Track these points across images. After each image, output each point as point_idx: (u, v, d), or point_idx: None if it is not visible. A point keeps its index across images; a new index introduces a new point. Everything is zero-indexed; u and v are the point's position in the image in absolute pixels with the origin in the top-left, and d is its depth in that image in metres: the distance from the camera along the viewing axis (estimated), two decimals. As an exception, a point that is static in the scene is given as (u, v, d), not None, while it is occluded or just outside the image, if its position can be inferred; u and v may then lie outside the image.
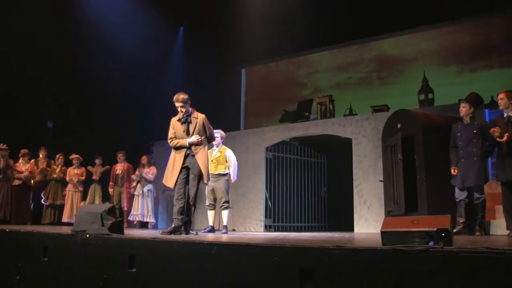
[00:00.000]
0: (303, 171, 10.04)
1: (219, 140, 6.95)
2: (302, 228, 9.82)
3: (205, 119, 5.70)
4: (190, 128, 5.62)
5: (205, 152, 5.67)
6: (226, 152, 6.95)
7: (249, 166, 9.60)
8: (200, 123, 5.64)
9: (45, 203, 9.65)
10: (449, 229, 2.80)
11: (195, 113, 5.68)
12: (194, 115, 5.67)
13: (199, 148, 5.61)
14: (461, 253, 2.46)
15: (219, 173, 6.83)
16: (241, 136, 10.17)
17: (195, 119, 5.64)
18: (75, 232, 4.64)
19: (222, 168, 6.85)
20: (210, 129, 5.78)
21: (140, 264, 3.90)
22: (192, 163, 5.61)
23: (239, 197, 9.69)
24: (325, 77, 12.23)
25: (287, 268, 3.02)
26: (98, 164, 10.13)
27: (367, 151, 8.33)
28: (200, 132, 5.64)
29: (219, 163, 6.86)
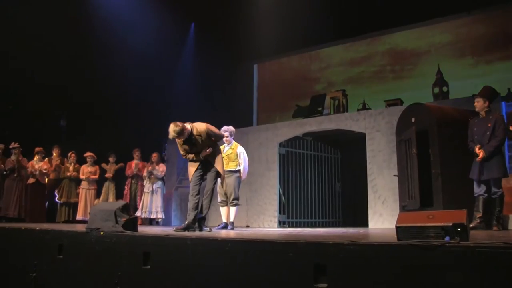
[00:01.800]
0: (317, 167, 10.00)
1: (230, 137, 6.95)
2: (316, 223, 9.79)
3: (207, 129, 5.57)
4: (197, 145, 5.59)
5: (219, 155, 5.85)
6: (238, 149, 6.94)
7: (262, 162, 9.59)
8: (204, 136, 5.55)
9: (59, 201, 9.74)
10: (466, 224, 2.76)
11: (195, 129, 5.53)
12: (195, 132, 5.52)
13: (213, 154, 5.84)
14: (478, 248, 2.43)
15: (230, 170, 6.82)
16: (254, 132, 10.15)
17: (198, 137, 5.54)
18: (90, 229, 4.67)
19: (233, 165, 6.85)
20: (214, 134, 5.70)
21: (154, 261, 3.92)
22: (208, 165, 5.89)
23: (252, 194, 9.68)
24: (338, 72, 12.16)
25: (302, 264, 3.02)
26: (111, 162, 10.19)
27: (381, 146, 8.27)
28: (208, 143, 5.62)
29: (230, 160, 6.83)
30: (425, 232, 2.80)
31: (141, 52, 11.59)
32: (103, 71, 11.08)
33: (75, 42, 10.75)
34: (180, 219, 10.81)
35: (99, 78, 11.06)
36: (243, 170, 6.94)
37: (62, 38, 10.48)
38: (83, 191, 9.83)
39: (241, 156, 6.91)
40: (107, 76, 11.14)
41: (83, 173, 9.87)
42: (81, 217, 9.57)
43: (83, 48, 10.90)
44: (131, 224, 4.69)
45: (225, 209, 6.97)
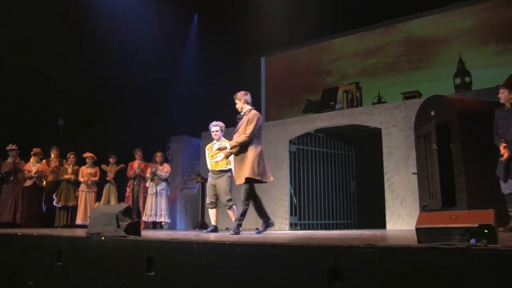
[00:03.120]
0: (330, 165, 9.98)
1: (219, 133, 6.91)
2: (330, 225, 9.77)
3: (251, 116, 5.90)
4: (238, 124, 6.08)
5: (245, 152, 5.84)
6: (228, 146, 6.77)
7: (271, 160, 9.57)
8: (245, 121, 5.94)
9: (58, 205, 9.75)
10: (493, 225, 2.71)
11: (249, 111, 6.01)
12: (247, 113, 6.00)
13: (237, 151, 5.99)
14: (508, 251, 2.38)
15: (221, 169, 6.72)
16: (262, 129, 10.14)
17: (246, 116, 5.99)
18: (90, 234, 4.67)
19: (223, 164, 6.70)
20: (249, 127, 5.85)
21: (158, 267, 3.91)
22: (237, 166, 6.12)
23: (261, 194, 9.57)
24: (351, 63, 12.13)
25: (315, 268, 2.99)
26: (112, 163, 10.21)
27: (398, 142, 8.23)
28: (243, 128, 5.96)
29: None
30: (448, 234, 2.74)
31: (141, 47, 11.61)
32: (102, 66, 11.10)
33: (72, 36, 10.77)
34: (186, 222, 10.83)
35: (98, 74, 11.09)
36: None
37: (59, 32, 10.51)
38: (83, 194, 9.86)
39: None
40: (106, 72, 11.17)
41: (82, 175, 9.91)
42: (80, 221, 9.60)
43: (80, 42, 10.92)
44: (134, 228, 4.69)
45: (213, 212, 6.91)
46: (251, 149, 5.85)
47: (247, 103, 6.14)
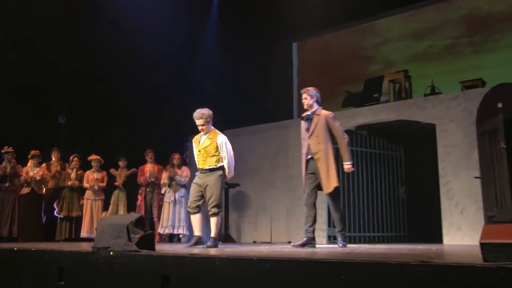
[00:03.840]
0: (374, 167, 9.91)
1: (207, 124, 6.66)
2: (376, 238, 9.72)
3: (331, 117, 6.54)
4: (312, 126, 6.52)
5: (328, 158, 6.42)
6: (218, 139, 6.64)
7: None
8: (323, 122, 6.48)
9: (59, 215, 9.88)
10: None
11: (319, 111, 6.57)
12: (318, 112, 6.54)
13: (321, 151, 6.41)
14: None
15: (210, 167, 6.57)
16: (294, 126, 10.09)
17: (317, 117, 6.51)
18: (96, 249, 4.71)
19: (213, 160, 6.56)
20: (339, 128, 6.57)
21: (175, 286, 3.92)
22: (315, 168, 6.47)
23: (294, 202, 9.68)
24: (398, 48, 12.02)
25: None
26: (122, 167, 10.31)
27: (456, 140, 8.13)
28: (322, 131, 6.45)
29: (208, 155, 6.58)
30: (521, 250, 2.70)
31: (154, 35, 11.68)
32: (110, 58, 11.21)
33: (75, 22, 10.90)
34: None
35: (104, 65, 11.20)
36: (228, 167, 6.63)
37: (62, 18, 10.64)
38: (88, 203, 9.99)
39: (223, 148, 6.61)
40: (115, 64, 11.27)
41: (87, 181, 10.03)
42: (86, 234, 9.73)
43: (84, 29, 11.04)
44: (147, 241, 4.72)
45: (197, 218, 6.76)
46: (331, 154, 6.48)
47: (317, 102, 6.68)
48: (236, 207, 10.74)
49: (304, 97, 6.69)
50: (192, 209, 6.70)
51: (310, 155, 6.53)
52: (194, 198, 6.66)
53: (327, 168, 6.40)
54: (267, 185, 10.34)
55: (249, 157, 10.66)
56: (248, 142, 10.78)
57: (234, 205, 10.73)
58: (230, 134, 11.40)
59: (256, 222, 10.36)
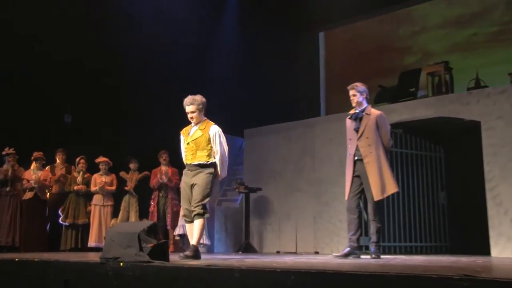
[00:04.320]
0: (411, 170, 9.84)
1: (197, 112, 6.32)
2: (413, 249, 9.64)
3: (380, 117, 6.71)
4: (361, 126, 6.64)
5: (380, 161, 6.53)
6: (211, 131, 6.26)
7: (334, 164, 9.55)
8: (373, 123, 6.62)
9: (65, 223, 9.92)
10: None
11: (369, 110, 6.76)
12: (368, 111, 6.72)
13: (371, 154, 6.52)
14: None
15: (199, 163, 6.16)
16: (321, 124, 10.10)
17: (368, 116, 6.68)
18: (105, 259, 4.72)
19: (203, 155, 6.17)
20: (387, 129, 6.76)
21: (191, 302, 3.92)
22: (362, 172, 6.56)
23: (322, 208, 9.65)
24: (438, 37, 11.95)
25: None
26: (133, 170, 10.34)
27: (505, 139, 8.03)
28: (372, 132, 6.58)
29: (198, 148, 6.20)
30: None
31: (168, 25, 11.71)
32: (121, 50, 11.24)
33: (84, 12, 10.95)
34: (226, 244, 10.88)
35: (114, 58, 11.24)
36: (221, 164, 6.24)
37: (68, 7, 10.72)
38: (96, 209, 10.03)
39: (216, 141, 6.22)
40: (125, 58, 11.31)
41: (95, 185, 10.08)
42: (93, 243, 9.77)
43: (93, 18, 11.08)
44: (160, 251, 4.73)
45: (192, 227, 6.26)
46: (383, 156, 6.61)
47: (367, 99, 6.82)
48: (258, 214, 10.72)
49: (352, 94, 6.76)
50: (188, 217, 6.20)
51: (358, 157, 6.63)
52: (186, 205, 6.21)
53: (379, 173, 6.50)
54: (292, 189, 10.31)
55: (272, 159, 10.64)
56: (271, 143, 10.76)
57: (256, 211, 10.71)
58: (250, 133, 11.47)
59: (280, 230, 10.34)
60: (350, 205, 6.67)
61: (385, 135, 6.71)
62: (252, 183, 10.53)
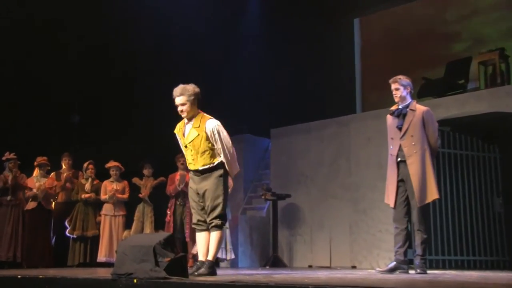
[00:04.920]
0: (461, 173, 9.75)
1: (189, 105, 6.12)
2: (464, 263, 9.54)
3: (427, 113, 6.66)
4: (405, 123, 6.59)
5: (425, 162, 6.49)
6: (207, 126, 6.04)
7: (372, 167, 9.54)
8: (418, 119, 6.58)
9: (72, 235, 9.95)
10: None
11: (414, 105, 6.70)
12: (412, 107, 6.67)
13: (415, 154, 6.49)
14: None
15: (204, 168, 5.99)
16: (357, 122, 10.06)
17: (413, 112, 6.63)
18: (117, 276, 4.73)
19: (206, 158, 5.98)
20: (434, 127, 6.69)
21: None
22: (406, 174, 6.52)
23: (359, 217, 9.61)
24: (491, 20, 11.83)
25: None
26: (147, 175, 10.33)
27: None
28: (417, 130, 6.54)
29: (198, 151, 6.01)
30: None
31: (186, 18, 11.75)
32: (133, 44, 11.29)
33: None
34: (251, 258, 10.86)
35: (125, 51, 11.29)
36: (229, 163, 6.04)
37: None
38: (106, 219, 10.05)
39: (216, 139, 6.00)
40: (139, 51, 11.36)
41: (105, 193, 10.11)
42: (104, 257, 9.79)
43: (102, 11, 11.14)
44: (179, 266, 4.73)
45: (204, 237, 6.09)
46: (429, 158, 6.55)
47: (411, 93, 6.78)
48: (287, 224, 10.68)
49: (395, 88, 6.71)
50: (197, 226, 6.11)
51: (401, 158, 6.59)
52: (197, 215, 6.10)
53: (422, 175, 6.46)
54: (325, 195, 10.28)
55: (302, 161, 10.60)
56: (301, 143, 10.72)
57: (284, 220, 10.67)
58: (278, 134, 11.43)
59: (312, 241, 10.32)
60: (397, 214, 6.61)
61: (433, 134, 6.65)
62: (280, 189, 10.50)
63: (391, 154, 6.72)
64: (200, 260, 6.01)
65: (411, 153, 6.51)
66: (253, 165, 12.07)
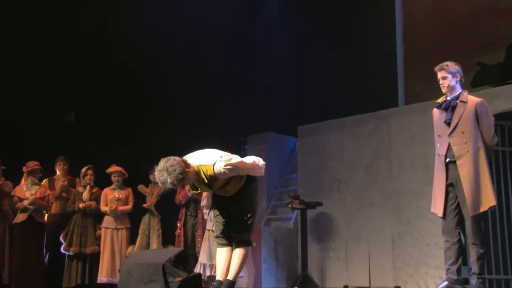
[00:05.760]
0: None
1: None
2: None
3: (481, 105, 6.51)
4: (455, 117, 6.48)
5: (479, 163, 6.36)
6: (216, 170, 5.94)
7: (417, 169, 9.52)
8: (470, 112, 6.45)
9: (68, 252, 9.97)
10: None
11: (466, 96, 6.58)
12: (463, 98, 6.55)
13: (467, 154, 6.36)
14: None
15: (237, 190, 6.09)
16: (400, 117, 10.04)
17: (463, 104, 6.51)
18: (120, 299, 4.73)
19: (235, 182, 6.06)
20: (490, 121, 6.53)
21: None
22: (456, 178, 6.41)
23: (403, 228, 9.61)
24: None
25: None
26: (154, 182, 10.32)
27: None
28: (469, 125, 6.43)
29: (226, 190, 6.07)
30: None
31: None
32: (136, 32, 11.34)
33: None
34: (277, 276, 10.84)
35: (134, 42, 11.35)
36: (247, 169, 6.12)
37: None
38: (107, 233, 10.08)
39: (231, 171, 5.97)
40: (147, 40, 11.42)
41: (106, 202, 10.13)
42: (105, 278, 9.82)
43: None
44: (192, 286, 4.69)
45: (226, 253, 6.10)
46: (483, 158, 6.43)
47: (461, 82, 6.68)
48: (318, 236, 10.64)
49: (441, 76, 6.61)
50: (219, 240, 6.13)
51: (450, 158, 6.50)
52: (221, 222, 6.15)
53: (475, 179, 6.35)
54: (362, 203, 10.23)
55: (335, 164, 10.56)
56: (334, 142, 10.69)
57: (315, 233, 10.65)
58: (306, 131, 11.39)
59: (347, 257, 10.27)
60: (447, 225, 6.50)
61: (488, 130, 6.52)
62: (309, 196, 10.46)
63: (438, 154, 6.63)
64: (217, 280, 5.96)
65: (462, 153, 6.39)
66: (277, 168, 12.09)
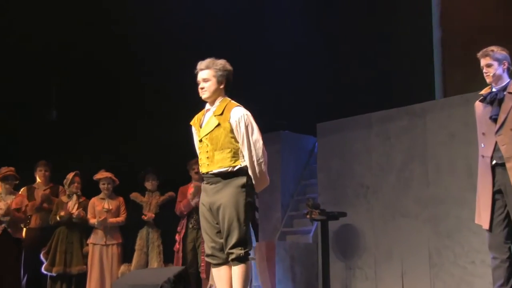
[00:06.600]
0: None
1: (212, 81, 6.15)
2: None
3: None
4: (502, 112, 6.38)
5: None
6: (234, 114, 6.05)
7: (458, 173, 9.51)
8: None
9: (50, 273, 9.94)
10: None
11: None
12: (511, 89, 6.42)
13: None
14: None
15: (221, 170, 5.94)
16: (436, 111, 10.04)
17: (510, 95, 6.40)
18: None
19: (226, 157, 5.93)
20: None
21: None
22: (505, 183, 6.28)
23: (442, 241, 9.61)
24: None
25: None
26: (151, 190, 10.33)
27: None
28: None
29: (217, 146, 5.99)
30: None
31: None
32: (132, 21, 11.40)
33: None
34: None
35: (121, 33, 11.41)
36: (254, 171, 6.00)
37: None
38: (96, 250, 10.08)
39: (241, 132, 6.00)
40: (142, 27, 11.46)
41: (94, 214, 10.11)
42: (94, 301, 9.84)
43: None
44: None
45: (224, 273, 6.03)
46: None
47: (509, 70, 6.52)
48: (342, 252, 10.62)
49: (485, 64, 6.49)
50: (211, 258, 6.05)
51: (497, 160, 6.40)
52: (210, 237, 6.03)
53: None
54: (394, 213, 10.20)
55: (361, 167, 10.53)
56: (359, 142, 10.66)
57: (338, 247, 10.63)
58: (327, 129, 11.37)
59: (377, 277, 10.26)
60: (495, 239, 6.38)
61: None
62: (331, 206, 10.42)
63: (483, 155, 6.53)
64: None
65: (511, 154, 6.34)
66: (293, 172, 12.12)
